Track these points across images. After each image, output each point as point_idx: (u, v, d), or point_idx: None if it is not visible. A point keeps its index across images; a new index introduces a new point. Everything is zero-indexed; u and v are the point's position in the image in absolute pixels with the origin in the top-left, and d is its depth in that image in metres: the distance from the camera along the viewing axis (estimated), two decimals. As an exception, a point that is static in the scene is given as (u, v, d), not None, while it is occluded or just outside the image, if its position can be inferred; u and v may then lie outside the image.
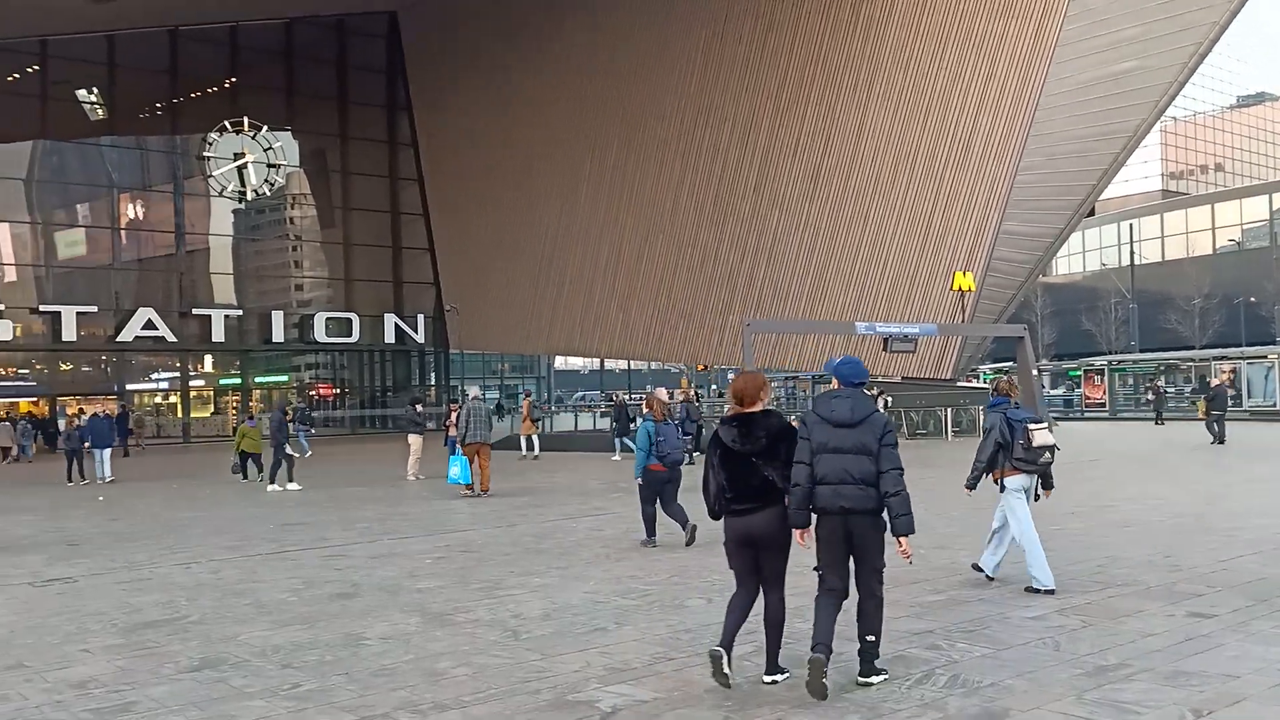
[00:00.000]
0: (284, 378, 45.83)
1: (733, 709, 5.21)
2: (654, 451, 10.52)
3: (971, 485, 8.01)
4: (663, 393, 18.41)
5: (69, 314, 36.44)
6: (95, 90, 39.05)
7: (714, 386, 50.68)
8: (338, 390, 45.89)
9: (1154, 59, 26.40)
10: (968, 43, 27.06)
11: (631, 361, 54.45)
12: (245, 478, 20.49)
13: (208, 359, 42.36)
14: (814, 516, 5.50)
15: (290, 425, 31.79)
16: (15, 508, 16.82)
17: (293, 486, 18.13)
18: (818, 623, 5.38)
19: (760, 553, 5.53)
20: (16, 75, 37.04)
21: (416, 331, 44.09)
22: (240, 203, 41.69)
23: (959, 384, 29.67)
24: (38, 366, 38.63)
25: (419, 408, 21.24)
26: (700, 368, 43.58)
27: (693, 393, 28.94)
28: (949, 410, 27.76)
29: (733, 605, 5.62)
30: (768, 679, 5.57)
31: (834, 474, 5.38)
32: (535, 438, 25.31)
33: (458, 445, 16.80)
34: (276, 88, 41.95)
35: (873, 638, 5.50)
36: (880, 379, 25.22)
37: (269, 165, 41.41)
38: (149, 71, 39.38)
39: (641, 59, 34.10)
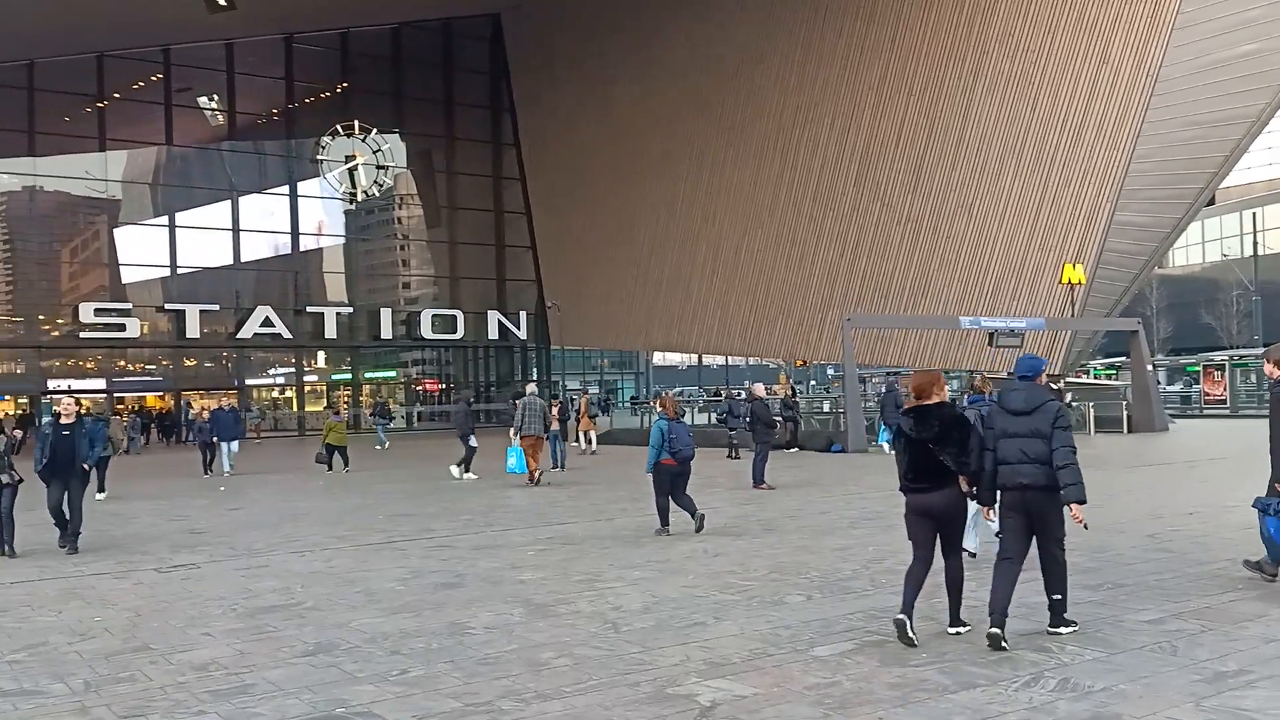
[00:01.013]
0: (392, 373, 47.10)
1: (833, 706, 5.17)
2: (667, 448, 11.17)
3: None
4: (760, 388, 18.42)
5: (192, 312, 38.21)
6: (215, 97, 40.72)
7: (813, 382, 50.20)
8: (443, 385, 46.94)
9: (1279, 40, 25.14)
10: (1079, 26, 26.18)
11: (729, 357, 54.29)
12: (330, 469, 21.20)
13: (320, 355, 43.82)
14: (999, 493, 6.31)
15: (372, 418, 32.83)
16: (142, 495, 17.68)
17: (469, 476, 18.54)
18: (995, 589, 6.11)
19: (940, 525, 6.34)
20: (141, 84, 38.85)
21: (519, 328, 44.84)
22: (351, 204, 42.98)
23: (1067, 380, 28.75)
24: (163, 362, 40.50)
25: (520, 403, 21.56)
26: (798, 363, 43.21)
27: (790, 388, 28.77)
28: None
29: (910, 575, 6.33)
30: (951, 630, 6.38)
31: (1012, 455, 6.18)
32: (593, 433, 26.03)
33: (513, 437, 17.66)
34: (386, 91, 43.10)
35: (1059, 596, 6.32)
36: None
37: (378, 167, 42.63)
38: (266, 78, 40.88)
39: (741, 56, 33.97)
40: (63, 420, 11.31)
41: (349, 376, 44.58)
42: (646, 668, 5.94)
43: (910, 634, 6.12)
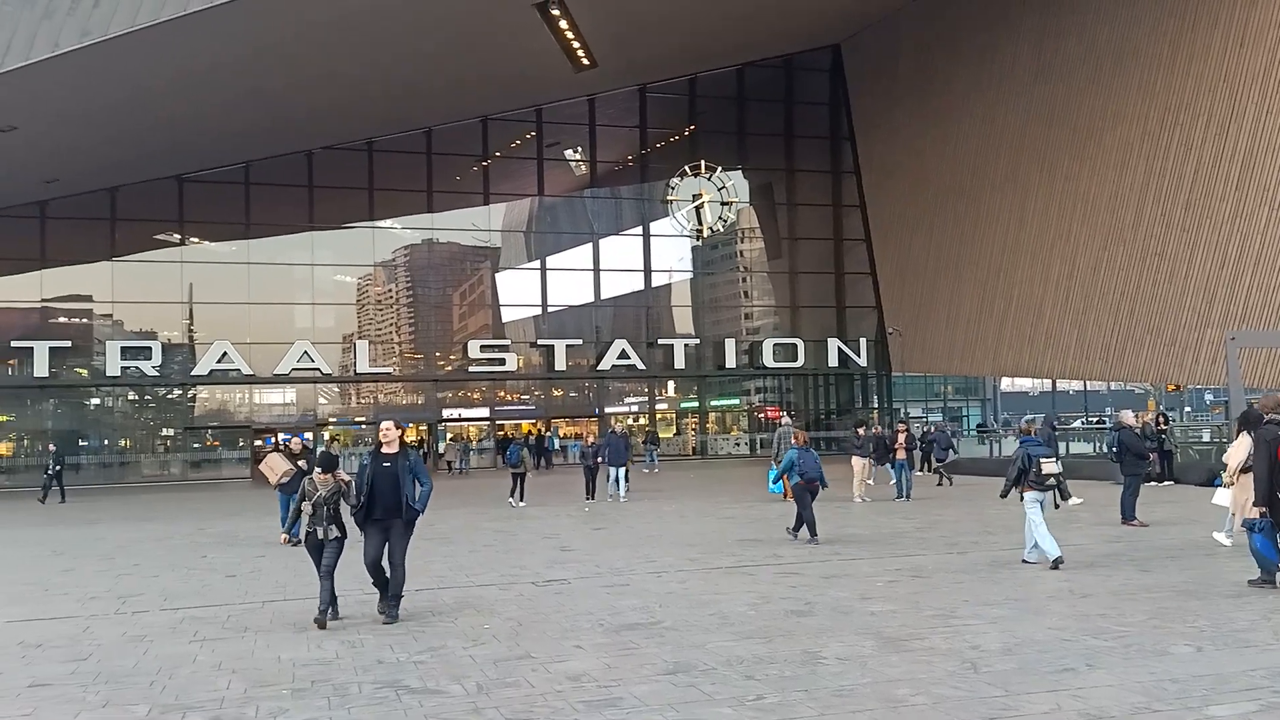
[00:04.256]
0: (735, 401, 48.32)
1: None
2: (796, 471, 14.04)
3: (1003, 495, 11.58)
4: (1129, 415, 17.06)
5: (560, 346, 41.70)
6: (579, 149, 44.21)
7: (1188, 409, 45.37)
8: (784, 413, 47.43)
9: None
10: None
11: (1088, 382, 50.33)
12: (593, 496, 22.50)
13: (670, 384, 45.90)
14: None
15: (643, 445, 34.21)
16: (516, 515, 19.37)
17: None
18: None
19: None
20: (517, 141, 43.05)
21: (859, 355, 44.43)
22: (697, 240, 44.87)
23: None
24: (535, 393, 44.34)
25: (862, 430, 21.47)
26: (1170, 388, 39.20)
27: (1161, 414, 26.23)
28: None
29: None
30: None
31: None
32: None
33: (773, 461, 20.15)
34: (729, 130, 44.60)
35: None
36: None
37: (722, 203, 44.22)
38: (622, 128, 43.83)
39: (1098, 62, 31.67)
40: (384, 450, 8.97)
41: (696, 405, 46.26)
42: (1012, 714, 5.71)
43: None
